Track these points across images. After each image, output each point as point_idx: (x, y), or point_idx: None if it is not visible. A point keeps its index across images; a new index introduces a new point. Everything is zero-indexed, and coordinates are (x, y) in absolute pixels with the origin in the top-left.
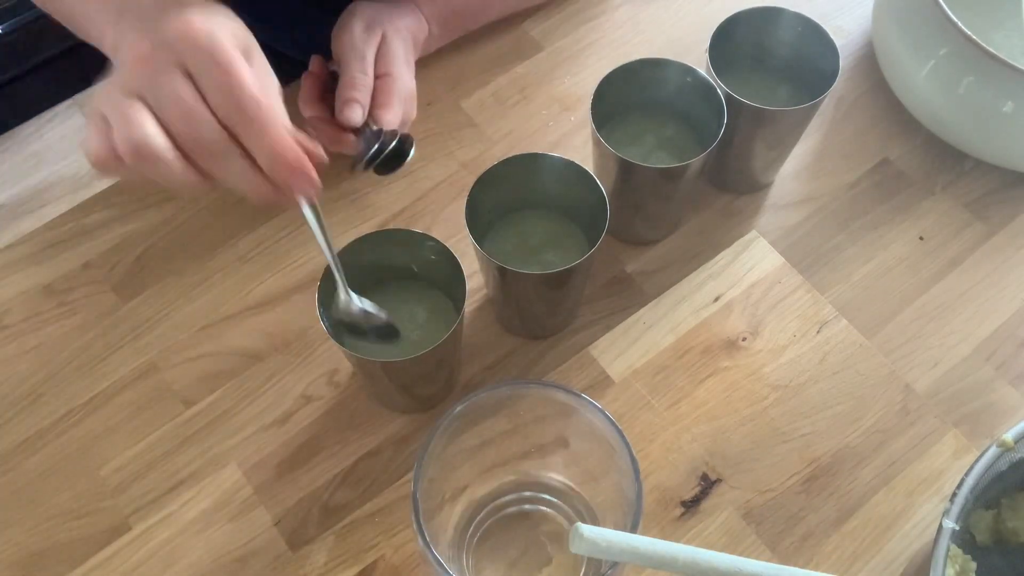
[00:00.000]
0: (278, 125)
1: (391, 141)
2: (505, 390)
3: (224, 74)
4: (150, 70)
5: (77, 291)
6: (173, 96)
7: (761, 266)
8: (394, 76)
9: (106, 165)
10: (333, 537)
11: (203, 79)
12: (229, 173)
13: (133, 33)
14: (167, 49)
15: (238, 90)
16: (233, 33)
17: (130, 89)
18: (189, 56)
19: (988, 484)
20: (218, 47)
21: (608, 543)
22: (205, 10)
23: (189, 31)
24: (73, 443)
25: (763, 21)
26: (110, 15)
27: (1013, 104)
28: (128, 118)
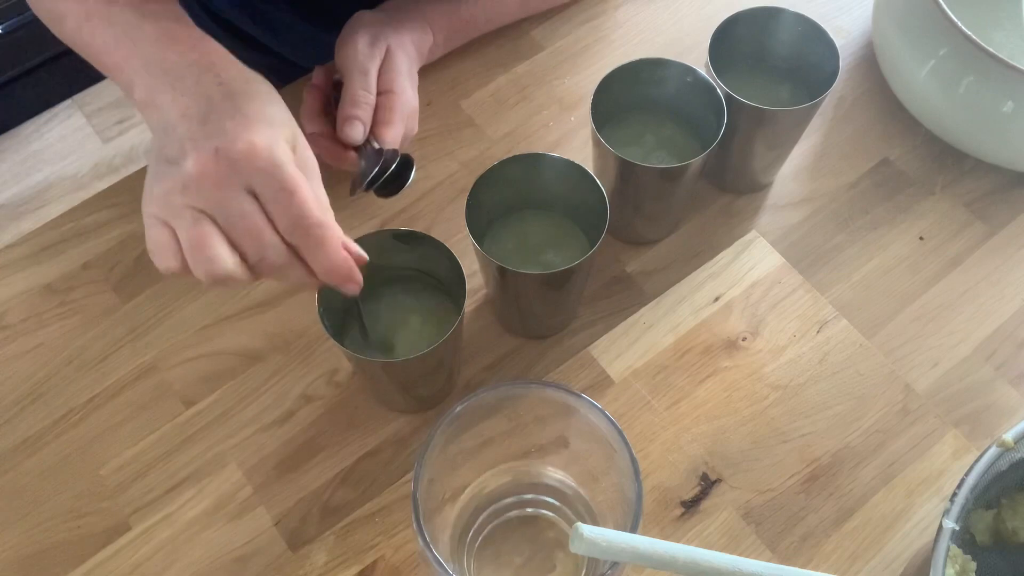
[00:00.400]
0: (336, 243)
1: (392, 162)
2: (505, 390)
3: (290, 199)
4: (217, 189)
5: (77, 291)
6: (242, 219)
7: (761, 266)
8: (397, 93)
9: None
10: (333, 537)
11: (270, 204)
12: (285, 279)
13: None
14: (232, 168)
15: (304, 217)
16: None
17: (196, 202)
18: (255, 179)
19: (988, 484)
20: (281, 170)
21: (608, 543)
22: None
23: (255, 150)
24: (73, 443)
25: (763, 21)
26: (136, 66)
27: (1013, 104)
28: (202, 242)
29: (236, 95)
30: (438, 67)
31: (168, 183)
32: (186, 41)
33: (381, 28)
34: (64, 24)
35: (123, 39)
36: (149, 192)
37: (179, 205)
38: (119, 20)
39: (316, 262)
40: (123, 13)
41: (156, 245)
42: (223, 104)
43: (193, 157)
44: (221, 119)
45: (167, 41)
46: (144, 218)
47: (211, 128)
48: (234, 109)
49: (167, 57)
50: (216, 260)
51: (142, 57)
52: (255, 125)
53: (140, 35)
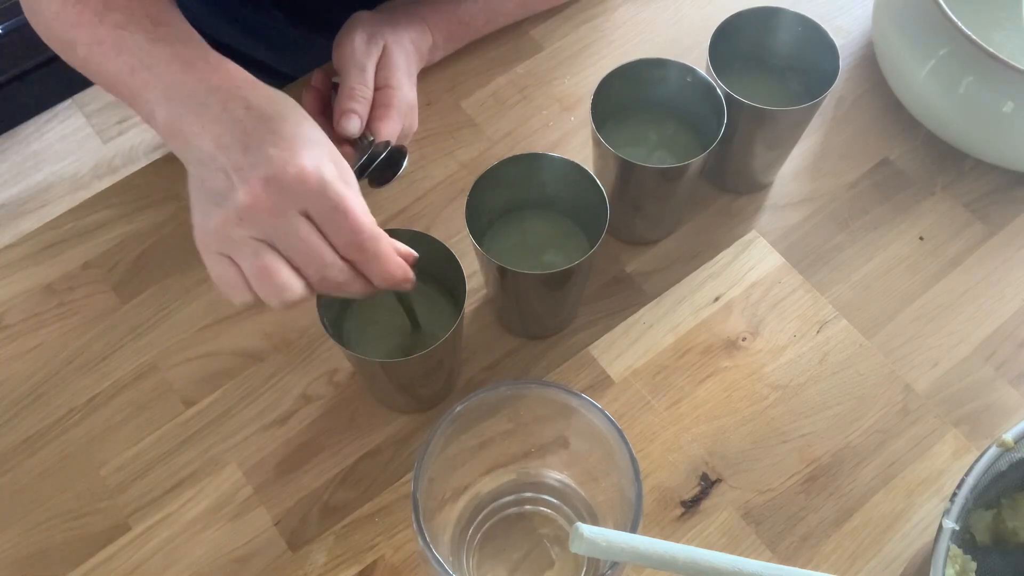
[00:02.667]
0: (391, 253)
1: (382, 152)
2: (505, 390)
3: (344, 219)
4: (272, 217)
5: (77, 291)
6: (301, 244)
7: (761, 266)
8: (394, 88)
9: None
10: (333, 537)
11: (325, 225)
12: (346, 293)
13: (198, 127)
14: (285, 195)
15: (359, 233)
16: (328, 155)
17: (253, 232)
18: (309, 203)
19: (988, 484)
20: (333, 191)
21: (608, 543)
22: (295, 130)
23: (304, 174)
24: (73, 443)
25: (763, 21)
26: (156, 94)
27: (1013, 104)
28: (267, 273)
29: (269, 119)
30: (438, 67)
31: (221, 217)
32: (203, 65)
33: (379, 26)
34: (75, 51)
35: (137, 66)
36: (202, 228)
37: (237, 237)
38: (131, 45)
39: (374, 273)
40: (134, 38)
41: (224, 282)
42: (258, 130)
43: (243, 189)
44: (262, 146)
45: (183, 66)
46: (203, 256)
47: (254, 157)
48: (272, 134)
49: (186, 83)
50: (285, 288)
51: (160, 84)
52: (298, 148)
53: (154, 61)
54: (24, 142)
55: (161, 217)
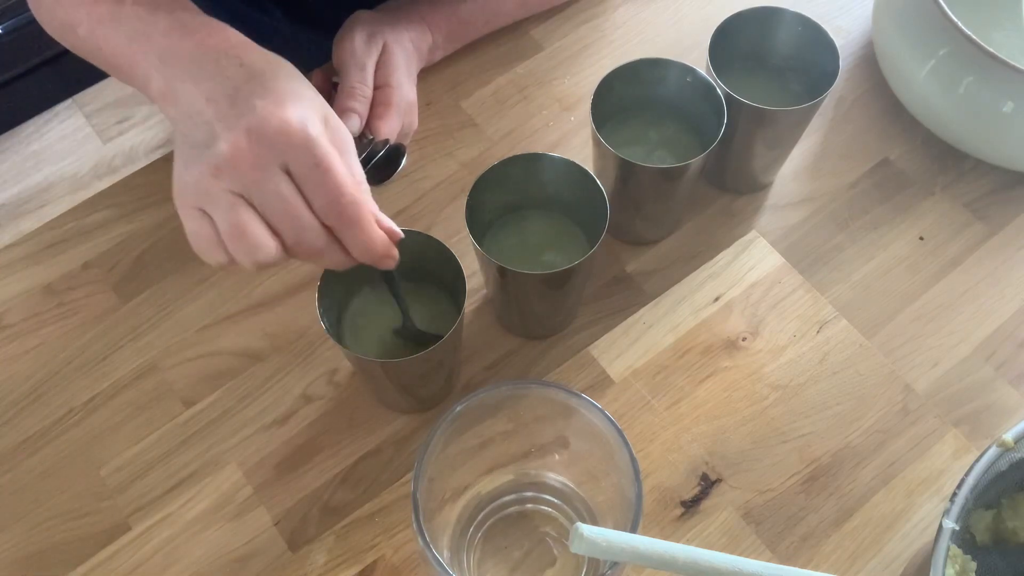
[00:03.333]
0: (371, 221)
1: (380, 150)
2: (505, 390)
3: (324, 176)
4: (252, 170)
5: (77, 291)
6: (279, 201)
7: (761, 266)
8: (393, 86)
9: (218, 263)
10: (333, 537)
11: (305, 182)
12: (322, 262)
13: (191, 85)
14: (266, 147)
15: (339, 195)
16: (318, 113)
17: (231, 185)
18: (290, 157)
19: (988, 484)
20: (316, 146)
21: (608, 543)
22: (286, 86)
23: (288, 127)
24: (73, 443)
25: (763, 21)
26: (151, 59)
27: (1013, 104)
28: (241, 229)
29: (260, 74)
30: (438, 67)
31: (199, 168)
32: (201, 30)
33: (378, 25)
34: (76, 32)
35: (136, 36)
36: (180, 181)
37: (214, 191)
38: (130, 18)
39: (352, 241)
40: (134, 10)
41: (197, 239)
42: (249, 84)
43: (225, 138)
44: (249, 98)
45: (182, 32)
46: (179, 210)
47: (240, 108)
48: (262, 87)
49: (183, 47)
50: (258, 248)
51: (157, 50)
52: (286, 101)
53: (153, 29)
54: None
55: (161, 217)
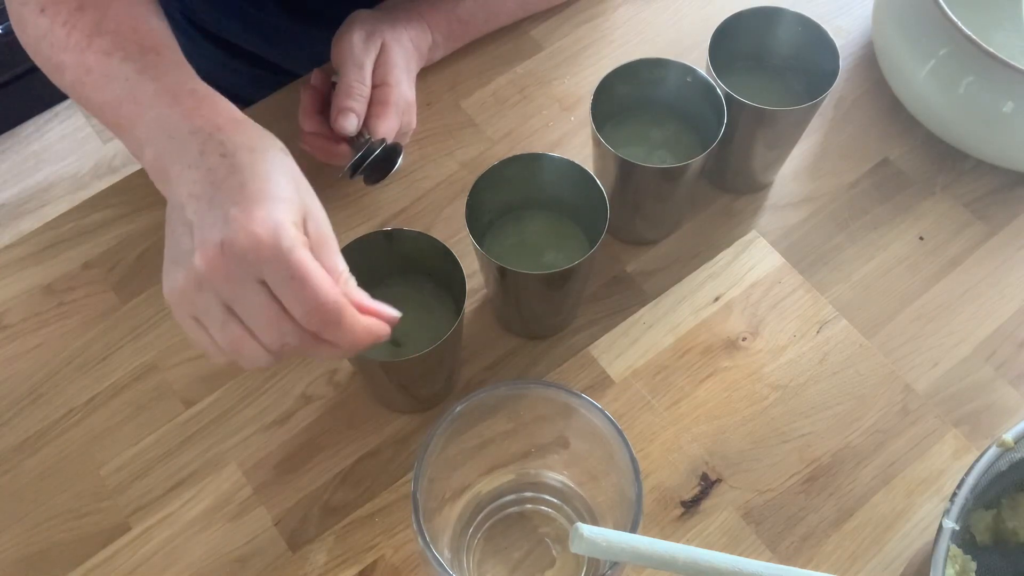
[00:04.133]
0: (354, 318)
1: (377, 149)
2: (505, 390)
3: (300, 288)
4: (227, 283)
5: (77, 291)
6: (257, 312)
7: (761, 266)
8: (391, 85)
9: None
10: (333, 537)
11: (283, 295)
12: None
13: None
14: (238, 262)
15: (317, 304)
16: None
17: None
18: (264, 271)
19: (988, 484)
20: (287, 259)
21: (608, 543)
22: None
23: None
24: (73, 443)
25: (763, 21)
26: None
27: (1013, 104)
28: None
29: (240, 169)
30: (438, 67)
31: (183, 280)
32: (189, 101)
33: (378, 24)
34: (64, 76)
35: (125, 97)
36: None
37: (201, 304)
38: (119, 75)
39: (339, 341)
40: (122, 67)
41: (200, 345)
42: (227, 182)
43: (199, 253)
44: (224, 204)
45: (170, 101)
46: (174, 311)
47: (215, 215)
48: (239, 190)
49: (171, 120)
50: (254, 359)
51: (147, 120)
52: (259, 207)
53: (142, 94)
54: (24, 142)
55: (161, 217)
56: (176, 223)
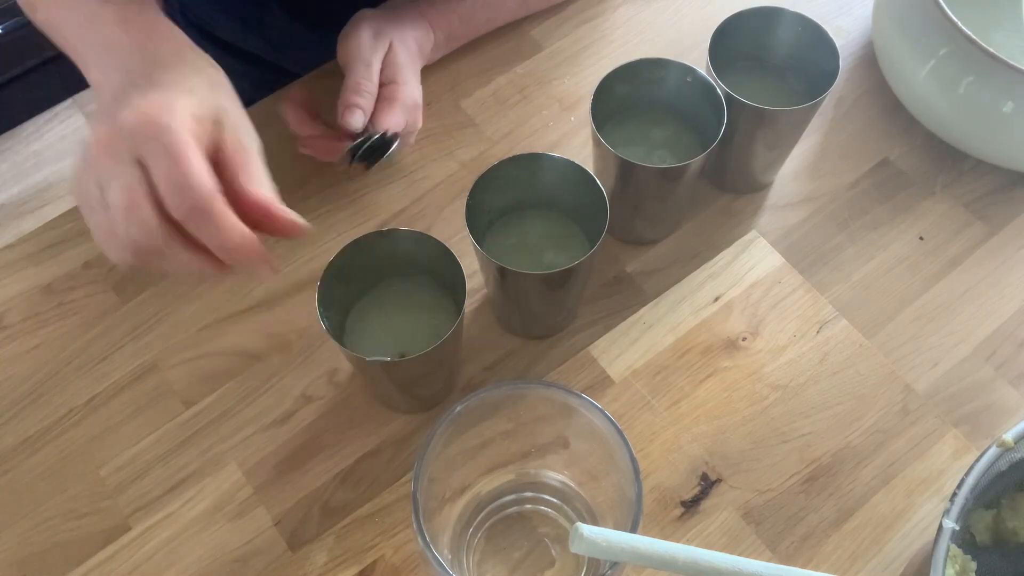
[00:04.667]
0: (228, 216)
1: (374, 135)
2: (505, 390)
3: (172, 165)
4: (104, 157)
5: (77, 291)
6: (122, 191)
7: (761, 266)
8: (400, 83)
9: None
10: (333, 537)
11: (154, 173)
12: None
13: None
14: (123, 137)
15: (186, 184)
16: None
17: (93, 178)
18: (144, 148)
19: (988, 484)
20: (167, 135)
21: (608, 543)
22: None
23: (145, 118)
24: (73, 443)
25: (763, 21)
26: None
27: (1013, 104)
28: (97, 227)
29: (157, 67)
30: (438, 67)
31: (76, 163)
32: (140, 24)
33: (384, 24)
34: (36, 12)
35: (84, 23)
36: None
37: (83, 186)
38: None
39: (208, 239)
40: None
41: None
42: (140, 77)
43: (92, 130)
44: (130, 93)
45: (123, 25)
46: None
47: (120, 102)
48: (148, 81)
49: (120, 40)
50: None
51: (99, 40)
52: (158, 93)
53: (99, 19)
54: (24, 142)
55: None
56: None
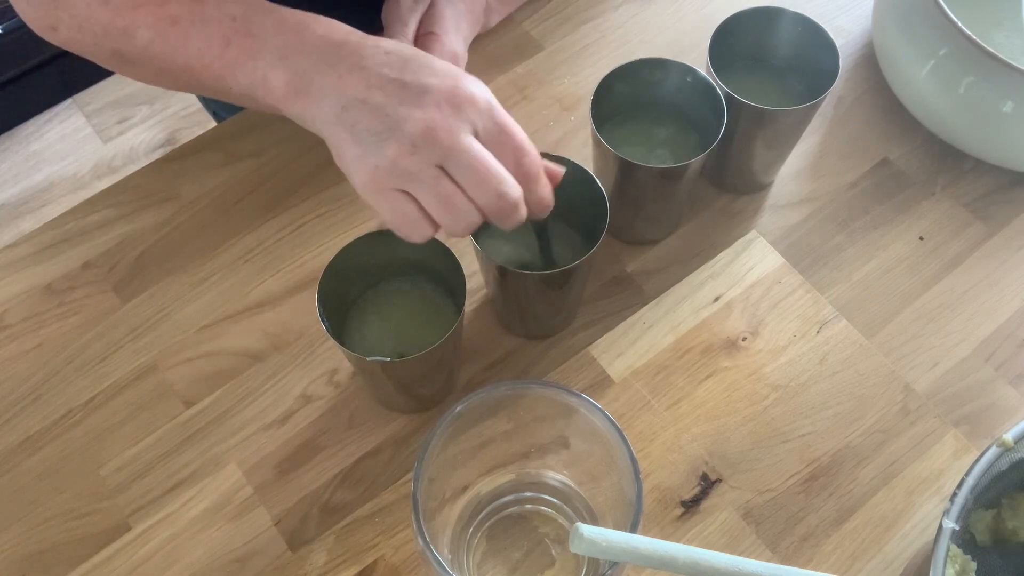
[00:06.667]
0: (544, 175)
1: None
2: (505, 390)
3: (509, 138)
4: (450, 137)
5: (77, 291)
6: (479, 164)
7: (761, 266)
8: (437, 34)
9: (424, 238)
10: (333, 537)
11: (493, 146)
12: (508, 222)
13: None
14: (457, 116)
15: (522, 153)
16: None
17: (430, 159)
18: (480, 124)
19: (988, 484)
20: (497, 111)
21: (608, 543)
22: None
23: (471, 96)
24: (73, 443)
25: (763, 21)
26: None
27: (1013, 104)
28: (450, 200)
29: (412, 58)
30: None
31: (393, 151)
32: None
33: None
34: (135, 37)
35: (234, 35)
36: (372, 168)
37: (414, 169)
38: (219, 16)
39: (532, 197)
40: (222, 8)
41: (404, 218)
42: (408, 66)
43: (417, 116)
44: (420, 78)
45: (296, 27)
46: (373, 199)
47: (417, 88)
48: (425, 68)
49: (303, 42)
50: (468, 213)
51: (272, 48)
52: (456, 75)
53: (255, 27)
54: (24, 142)
55: (161, 217)
56: (355, 117)
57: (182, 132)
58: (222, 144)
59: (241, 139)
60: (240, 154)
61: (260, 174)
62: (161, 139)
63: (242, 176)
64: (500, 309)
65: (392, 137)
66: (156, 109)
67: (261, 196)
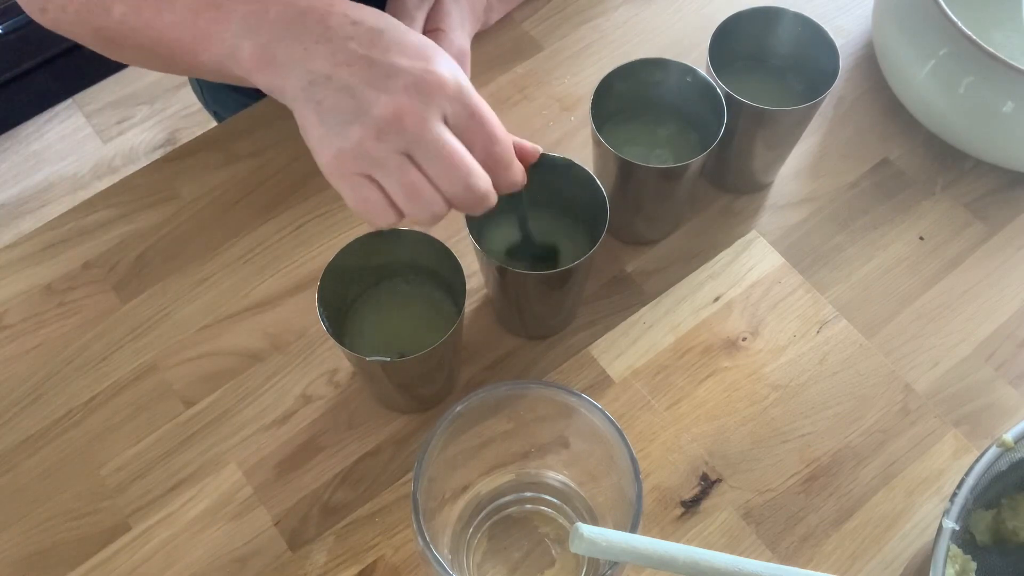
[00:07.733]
0: (516, 159)
1: None
2: (505, 390)
3: (481, 125)
4: (417, 125)
5: (77, 291)
6: (446, 152)
7: (761, 266)
8: (444, 30)
9: (389, 225)
10: (333, 537)
11: (463, 133)
12: (477, 208)
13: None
14: (426, 102)
15: (494, 140)
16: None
17: (396, 146)
18: (449, 110)
19: (988, 484)
20: (469, 96)
21: (608, 543)
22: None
23: (441, 81)
24: (73, 443)
25: (763, 21)
26: (233, 28)
27: (1013, 104)
28: (415, 189)
29: (382, 32)
30: None
31: (358, 134)
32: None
33: None
34: (110, 12)
35: (203, 6)
36: (334, 150)
37: (379, 154)
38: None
39: (502, 181)
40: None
41: (367, 204)
42: (378, 43)
43: (384, 100)
44: (387, 57)
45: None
46: (336, 182)
47: (384, 68)
48: (395, 44)
49: (268, 11)
50: (433, 203)
51: (239, 18)
52: (428, 56)
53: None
54: (24, 142)
55: (161, 217)
56: (321, 94)
57: (182, 132)
58: (222, 144)
59: (241, 139)
60: (240, 154)
61: (260, 174)
62: (161, 139)
63: (242, 176)
64: (500, 309)
65: (357, 121)
66: (156, 109)
67: (261, 196)
